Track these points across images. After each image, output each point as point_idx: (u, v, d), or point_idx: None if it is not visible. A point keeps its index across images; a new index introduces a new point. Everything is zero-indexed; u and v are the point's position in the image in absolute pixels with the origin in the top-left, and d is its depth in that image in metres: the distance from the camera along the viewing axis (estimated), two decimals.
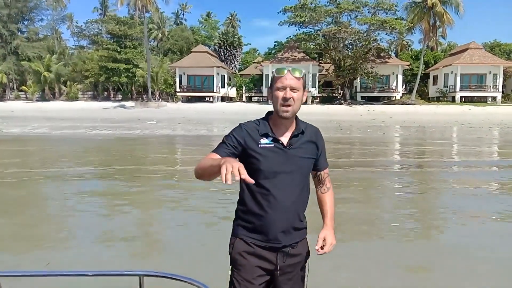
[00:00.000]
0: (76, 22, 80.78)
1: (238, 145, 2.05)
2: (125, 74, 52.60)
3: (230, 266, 2.13)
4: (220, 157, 1.95)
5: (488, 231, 5.96)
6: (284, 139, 2.07)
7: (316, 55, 54.53)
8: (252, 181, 1.71)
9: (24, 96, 59.86)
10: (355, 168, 11.83)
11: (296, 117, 2.14)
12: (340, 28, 45.41)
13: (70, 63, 59.89)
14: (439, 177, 10.81)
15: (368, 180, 10.18)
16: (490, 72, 48.02)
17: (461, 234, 5.79)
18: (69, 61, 61.71)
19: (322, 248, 2.07)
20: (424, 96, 52.91)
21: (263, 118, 2.15)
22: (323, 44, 48.89)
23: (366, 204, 7.73)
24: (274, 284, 2.14)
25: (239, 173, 1.65)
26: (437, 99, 50.16)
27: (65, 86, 58.37)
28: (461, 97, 47.94)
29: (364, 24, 45.91)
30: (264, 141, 2.05)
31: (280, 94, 2.02)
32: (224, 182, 1.63)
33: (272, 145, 2.05)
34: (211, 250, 4.90)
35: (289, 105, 2.02)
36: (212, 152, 2.03)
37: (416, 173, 11.47)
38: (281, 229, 2.06)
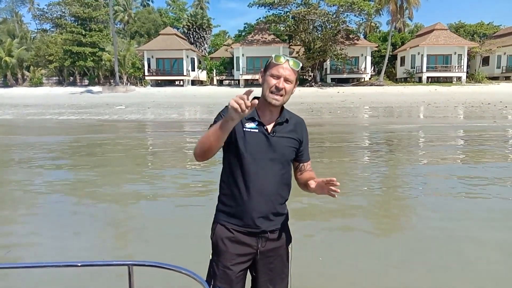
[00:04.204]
0: (38, 5, 77.81)
1: None
2: (91, 58, 51.02)
3: (211, 251, 2.15)
4: None
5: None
6: (269, 126, 2.07)
7: (286, 37, 54.35)
8: (255, 102, 1.72)
9: None
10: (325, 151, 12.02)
11: (282, 106, 2.13)
12: (309, 9, 45.41)
13: (33, 48, 57.43)
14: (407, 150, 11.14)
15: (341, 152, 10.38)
16: (455, 53, 49.18)
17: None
18: (32, 45, 59.15)
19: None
20: (392, 77, 53.80)
21: None
22: (293, 26, 48.71)
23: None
24: (256, 267, 2.16)
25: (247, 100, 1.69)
26: (405, 80, 51.14)
27: (28, 71, 56.18)
28: (428, 77, 49.07)
29: (333, 5, 45.97)
30: (249, 125, 2.04)
31: (273, 81, 2.00)
32: (239, 109, 1.69)
33: (257, 130, 2.04)
34: (200, 237, 4.92)
35: (280, 95, 2.01)
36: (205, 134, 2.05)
37: (383, 149, 11.77)
38: (259, 215, 2.06)
